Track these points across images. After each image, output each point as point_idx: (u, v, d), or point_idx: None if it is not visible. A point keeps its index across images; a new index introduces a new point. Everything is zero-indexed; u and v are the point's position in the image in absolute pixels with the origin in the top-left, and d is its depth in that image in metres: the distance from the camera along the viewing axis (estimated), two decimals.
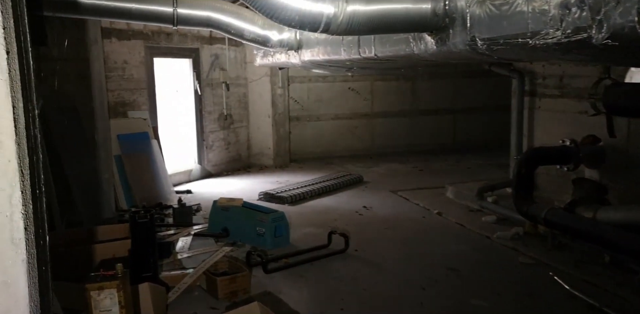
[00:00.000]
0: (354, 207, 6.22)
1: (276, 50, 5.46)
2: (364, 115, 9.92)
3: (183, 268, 4.16)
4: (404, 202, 6.51)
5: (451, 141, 10.40)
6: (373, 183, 7.51)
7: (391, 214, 5.91)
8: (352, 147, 9.80)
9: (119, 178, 6.04)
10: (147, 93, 6.83)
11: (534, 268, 4.29)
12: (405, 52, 3.61)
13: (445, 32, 2.98)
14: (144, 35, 6.74)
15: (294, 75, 9.02)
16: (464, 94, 10.41)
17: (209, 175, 8.01)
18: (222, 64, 8.08)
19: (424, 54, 3.38)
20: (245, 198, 6.57)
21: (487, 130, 10.38)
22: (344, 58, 4.18)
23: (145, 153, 6.40)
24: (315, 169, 8.53)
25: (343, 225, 5.45)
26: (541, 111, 5.73)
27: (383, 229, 5.40)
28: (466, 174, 7.95)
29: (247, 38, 4.76)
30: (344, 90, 9.73)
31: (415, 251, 4.74)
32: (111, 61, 6.32)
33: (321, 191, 6.81)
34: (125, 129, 6.30)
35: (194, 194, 6.97)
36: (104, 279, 2.41)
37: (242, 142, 8.75)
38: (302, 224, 5.48)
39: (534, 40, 2.38)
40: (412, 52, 3.51)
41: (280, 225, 4.78)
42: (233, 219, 4.90)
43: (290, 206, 6.25)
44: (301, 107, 9.46)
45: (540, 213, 4.34)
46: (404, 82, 10.03)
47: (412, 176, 8.07)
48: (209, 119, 7.96)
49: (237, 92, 8.52)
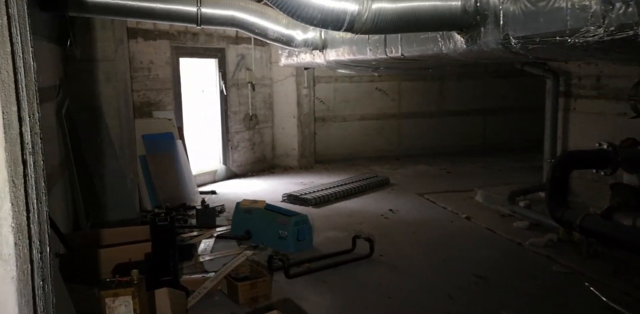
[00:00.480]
0: (379, 210, 6.08)
1: (301, 50, 5.37)
2: (391, 116, 9.76)
3: (205, 271, 4.10)
4: (431, 205, 6.34)
5: (480, 143, 10.15)
6: (399, 185, 7.36)
7: (418, 218, 5.75)
8: (378, 149, 9.65)
9: (143, 178, 6.04)
10: (172, 93, 6.82)
11: (568, 277, 4.09)
12: (433, 52, 3.47)
13: (476, 30, 2.83)
14: (170, 35, 6.74)
15: (320, 75, 8.92)
16: (494, 94, 10.15)
17: (233, 176, 7.98)
18: (247, 64, 8.03)
19: (453, 53, 3.23)
20: (269, 200, 6.52)
21: (518, 131, 10.09)
22: (370, 58, 4.06)
23: (170, 153, 6.39)
24: (341, 171, 8.41)
25: (368, 229, 5.33)
26: (577, 112, 5.49)
27: (409, 233, 5.25)
28: (496, 177, 7.71)
29: (271, 37, 4.68)
30: (371, 90, 9.58)
31: (443, 257, 4.58)
32: (137, 61, 6.33)
33: (346, 193, 6.69)
34: (150, 129, 6.31)
35: (218, 194, 6.93)
36: (119, 286, 2.35)
37: (267, 143, 8.70)
38: (326, 228, 5.37)
39: (573, 38, 2.22)
40: (441, 52, 3.36)
41: (303, 228, 4.69)
42: (255, 221, 4.82)
43: (314, 208, 6.15)
44: (327, 108, 9.35)
45: (576, 219, 4.15)
46: (432, 82, 9.82)
47: (440, 178, 7.88)
48: (234, 120, 7.93)
49: (262, 93, 8.47)
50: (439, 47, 3.34)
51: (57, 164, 4.49)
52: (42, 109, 3.93)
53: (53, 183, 4.22)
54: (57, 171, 4.47)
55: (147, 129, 6.29)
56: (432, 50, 3.44)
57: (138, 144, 6.08)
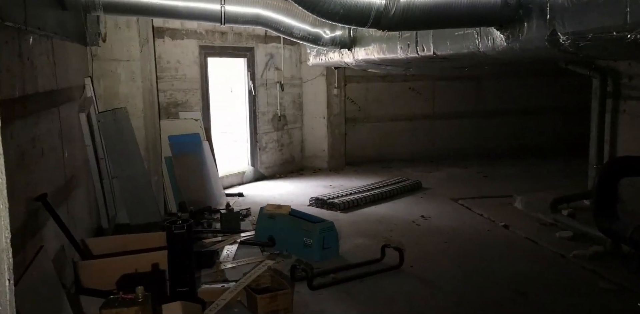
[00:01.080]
0: (411, 216, 5.80)
1: (329, 49, 5.14)
2: (425, 116, 9.43)
3: (225, 280, 3.93)
4: (466, 212, 6.02)
5: (519, 145, 9.71)
6: (432, 190, 7.05)
7: (452, 226, 5.46)
8: (411, 151, 9.34)
9: (169, 180, 5.94)
10: (200, 93, 6.70)
11: (616, 295, 3.74)
12: (468, 50, 3.19)
13: (519, 25, 2.55)
14: (197, 34, 6.62)
15: (351, 74, 8.67)
16: (535, 94, 9.69)
17: (261, 177, 7.82)
18: (276, 63, 7.86)
19: (491, 52, 2.95)
20: (296, 203, 6.35)
21: (559, 134, 9.63)
22: (401, 57, 3.80)
23: (196, 155, 6.27)
24: (371, 173, 8.16)
25: (398, 236, 5.07)
26: (626, 114, 5.09)
27: (442, 242, 4.97)
28: (536, 182, 7.32)
29: (297, 36, 4.47)
30: (404, 90, 9.27)
31: (478, 269, 4.29)
32: (164, 61, 6.23)
33: (376, 197, 6.43)
34: (176, 130, 6.20)
35: (245, 197, 6.79)
36: (122, 305, 2.19)
37: (296, 144, 8.51)
38: (354, 234, 5.14)
39: (633, 34, 1.92)
40: (477, 50, 3.09)
41: (328, 236, 4.47)
42: (279, 227, 4.63)
43: (342, 213, 5.93)
44: (358, 108, 9.10)
45: (626, 231, 3.82)
46: (468, 81, 9.44)
47: (476, 182, 7.52)
48: (262, 120, 7.77)
49: (291, 93, 8.29)
50: (475, 44, 3.07)
51: (80, 165, 4.41)
52: (65, 109, 3.83)
53: (75, 185, 4.14)
54: (80, 172, 4.38)
55: (174, 130, 6.18)
56: (467, 48, 3.17)
57: (164, 146, 5.98)
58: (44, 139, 3.30)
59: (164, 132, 6.01)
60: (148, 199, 5.28)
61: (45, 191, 3.17)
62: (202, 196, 6.08)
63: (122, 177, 5.06)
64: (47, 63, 3.44)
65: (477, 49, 3.02)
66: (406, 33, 3.75)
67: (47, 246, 3.12)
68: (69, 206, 3.91)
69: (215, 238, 4.99)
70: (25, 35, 2.96)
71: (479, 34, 2.97)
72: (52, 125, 3.55)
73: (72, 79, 4.30)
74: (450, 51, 3.36)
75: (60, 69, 3.84)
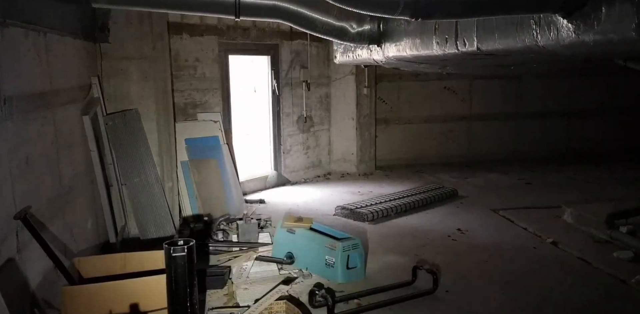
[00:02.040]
0: (446, 229, 5.26)
1: (356, 46, 4.64)
2: (461, 117, 8.81)
3: (236, 304, 3.50)
4: (507, 225, 5.44)
5: (564, 149, 8.99)
6: (470, 198, 6.47)
7: (492, 242, 4.89)
8: (446, 154, 8.75)
9: (185, 187, 5.55)
10: (220, 93, 6.30)
11: None
12: (523, 45, 2.64)
13: (594, 12, 2.01)
14: (218, 30, 6.22)
15: (382, 73, 8.13)
16: (582, 94, 8.95)
17: (285, 182, 7.38)
18: (303, 61, 7.41)
19: (554, 46, 2.40)
20: (322, 212, 5.89)
21: (609, 137, 8.88)
22: (438, 53, 3.27)
23: (215, 159, 5.87)
24: (404, 178, 7.62)
25: (432, 254, 4.54)
26: None
27: (482, 262, 4.42)
28: (587, 190, 6.66)
29: (320, 30, 3.99)
30: (439, 89, 8.68)
31: (525, 296, 3.73)
32: (181, 59, 5.84)
33: (408, 206, 5.90)
34: (194, 132, 5.81)
35: (267, 204, 6.36)
36: None
37: (323, 147, 8.04)
38: (383, 250, 4.64)
39: None
40: (535, 44, 2.54)
41: (353, 254, 3.98)
42: (299, 243, 4.17)
43: (370, 224, 5.43)
44: (390, 109, 8.56)
45: None
46: (508, 80, 8.77)
47: (518, 190, 6.90)
48: (287, 122, 7.33)
49: (318, 92, 7.82)
50: (532, 37, 2.53)
51: (83, 172, 4.04)
52: (62, 111, 3.43)
53: (74, 195, 3.77)
54: (82, 180, 4.02)
55: (191, 132, 5.79)
56: (522, 42, 2.63)
57: (180, 149, 5.59)
58: (30, 146, 2.93)
59: (181, 135, 5.63)
60: (160, 208, 4.90)
61: (29, 204, 2.80)
62: (219, 204, 5.67)
63: (133, 185, 4.69)
64: (35, 61, 3.07)
65: (534, 42, 2.48)
66: (444, 24, 3.22)
67: (29, 269, 2.75)
68: (66, 219, 3.54)
69: (233, 248, 4.58)
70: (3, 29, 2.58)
71: (537, 24, 2.43)
72: (43, 129, 3.17)
73: (73, 78, 3.94)
74: (499, 46, 2.81)
75: (56, 68, 3.47)
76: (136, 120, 4.80)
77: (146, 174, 4.79)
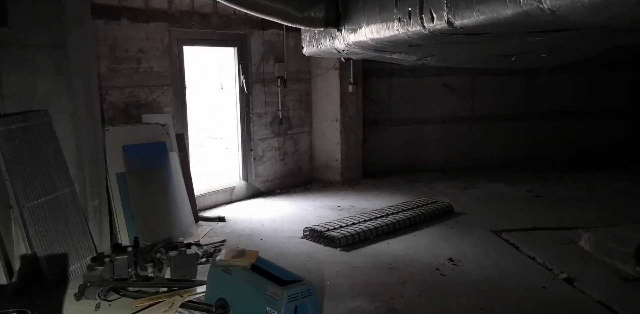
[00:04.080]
0: (435, 259, 4.26)
1: (320, 32, 3.64)
2: (462, 119, 7.80)
3: None
4: (512, 253, 4.43)
5: (580, 155, 7.93)
6: (467, 216, 5.46)
7: (491, 278, 3.89)
8: (443, 160, 7.75)
9: (121, 204, 4.60)
10: (172, 91, 5.34)
11: None
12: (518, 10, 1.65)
13: None
14: (168, 16, 5.25)
15: (371, 67, 7.14)
16: (599, 92, 7.91)
17: (257, 193, 6.42)
18: (278, 54, 6.43)
19: (570, 6, 1.41)
20: (290, 232, 4.95)
21: (633, 141, 7.80)
22: (400, 34, 2.27)
23: (160, 170, 4.90)
24: (393, 189, 6.63)
25: (413, 296, 3.56)
26: None
27: (476, 308, 3.41)
28: (608, 206, 5.63)
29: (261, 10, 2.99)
30: (436, 86, 7.67)
31: None
32: (121, 50, 4.88)
33: (392, 227, 4.91)
34: (136, 138, 4.84)
35: (227, 221, 5.40)
36: None
37: (303, 152, 7.06)
38: (349, 291, 3.64)
39: None
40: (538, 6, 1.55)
41: (303, 305, 3.00)
42: (236, 287, 3.20)
43: (342, 251, 4.44)
44: (379, 109, 7.56)
45: None
46: (516, 76, 7.73)
47: (525, 205, 5.87)
48: (258, 124, 6.35)
49: (297, 90, 6.84)
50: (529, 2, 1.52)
51: None
52: None
53: None
54: None
55: (132, 138, 4.82)
56: (516, 5, 1.63)
57: (116, 159, 4.64)
58: None
59: (117, 142, 4.67)
60: (79, 233, 3.95)
61: None
62: (163, 225, 4.70)
63: (35, 206, 3.73)
64: None
65: (537, 3, 1.49)
66: None
67: None
68: None
69: (161, 290, 3.61)
70: None
71: None
72: None
73: None
74: (480, 17, 1.81)
75: None
76: (44, 124, 3.85)
77: (56, 192, 3.84)
